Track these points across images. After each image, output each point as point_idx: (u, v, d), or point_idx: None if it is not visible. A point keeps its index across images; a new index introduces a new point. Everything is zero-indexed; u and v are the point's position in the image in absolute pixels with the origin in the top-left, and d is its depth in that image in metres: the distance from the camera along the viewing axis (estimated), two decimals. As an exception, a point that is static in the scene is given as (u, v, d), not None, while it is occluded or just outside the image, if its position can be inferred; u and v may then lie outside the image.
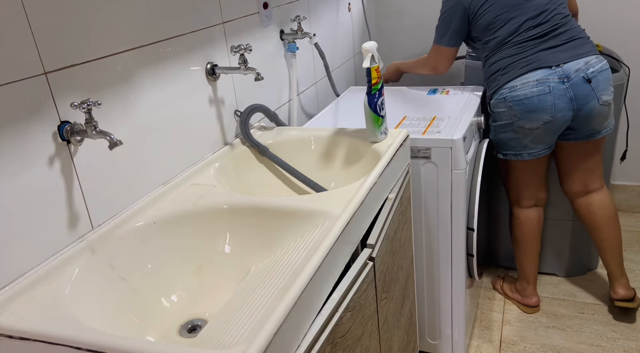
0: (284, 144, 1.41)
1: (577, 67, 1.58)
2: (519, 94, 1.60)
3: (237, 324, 0.81)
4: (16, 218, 0.83)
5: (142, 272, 0.97)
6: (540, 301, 1.99)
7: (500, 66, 1.66)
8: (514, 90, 1.61)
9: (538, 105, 1.59)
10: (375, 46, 1.27)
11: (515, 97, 1.61)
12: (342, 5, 2.13)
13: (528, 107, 1.60)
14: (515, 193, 1.85)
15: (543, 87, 1.58)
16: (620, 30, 2.25)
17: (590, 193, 1.83)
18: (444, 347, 1.73)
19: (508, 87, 1.63)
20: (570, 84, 1.58)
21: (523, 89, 1.60)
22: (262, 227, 1.04)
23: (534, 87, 1.59)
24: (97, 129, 0.88)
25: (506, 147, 1.74)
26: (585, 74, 1.58)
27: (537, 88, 1.58)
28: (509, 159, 1.75)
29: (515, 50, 1.64)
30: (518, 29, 1.63)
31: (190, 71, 1.21)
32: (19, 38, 0.82)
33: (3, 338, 0.76)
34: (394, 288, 1.23)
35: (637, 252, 2.25)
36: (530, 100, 1.59)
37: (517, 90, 1.61)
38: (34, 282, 0.83)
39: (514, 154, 1.74)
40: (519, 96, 1.60)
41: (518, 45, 1.63)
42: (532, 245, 1.88)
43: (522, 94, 1.60)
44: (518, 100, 1.61)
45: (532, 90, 1.59)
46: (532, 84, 1.59)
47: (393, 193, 1.24)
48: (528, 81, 1.59)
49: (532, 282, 1.94)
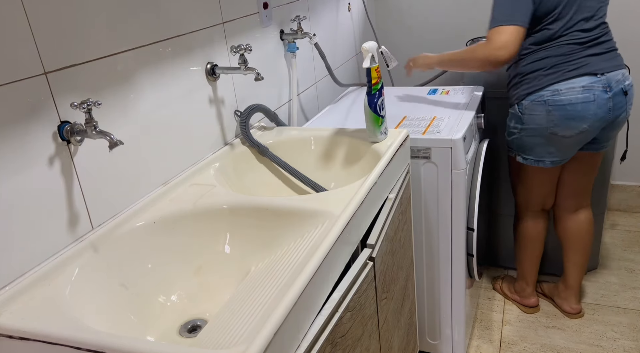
0: (284, 144, 1.41)
1: (617, 78, 1.53)
2: (562, 99, 1.50)
3: (237, 324, 0.81)
4: (16, 218, 0.83)
5: (142, 272, 0.97)
6: (539, 301, 1.99)
7: (544, 65, 1.53)
8: (557, 93, 1.50)
9: (580, 113, 1.50)
10: (375, 46, 1.26)
11: (557, 102, 1.50)
12: (342, 5, 2.13)
13: (570, 113, 1.51)
14: (524, 197, 1.80)
15: (588, 95, 1.49)
16: (620, 31, 2.25)
17: (580, 210, 1.82)
18: (444, 347, 1.73)
19: (551, 90, 1.51)
20: (612, 94, 1.52)
21: (568, 94, 1.50)
22: (262, 227, 1.04)
23: (580, 93, 1.49)
24: (97, 129, 0.88)
25: (529, 152, 1.64)
26: (624, 86, 1.54)
27: (582, 95, 1.49)
28: (528, 163, 1.66)
29: (564, 50, 1.52)
30: (571, 27, 1.51)
31: (190, 71, 1.21)
32: (19, 38, 0.82)
33: (3, 338, 0.76)
34: (394, 288, 1.23)
35: (637, 252, 2.25)
36: (573, 106, 1.50)
37: (560, 95, 1.50)
38: (34, 282, 0.83)
39: (535, 160, 1.64)
40: (562, 101, 1.50)
41: (567, 45, 1.52)
42: (536, 249, 1.87)
43: (566, 99, 1.50)
44: (560, 106, 1.50)
45: (577, 97, 1.49)
46: (578, 90, 1.49)
47: (393, 193, 1.24)
48: (574, 86, 1.50)
49: (532, 283, 1.94)
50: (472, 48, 1.54)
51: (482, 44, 1.51)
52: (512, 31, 1.46)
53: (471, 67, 1.56)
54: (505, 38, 1.46)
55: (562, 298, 1.93)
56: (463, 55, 1.57)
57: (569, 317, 1.92)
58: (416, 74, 2.50)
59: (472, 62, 1.54)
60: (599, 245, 2.14)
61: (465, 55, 1.56)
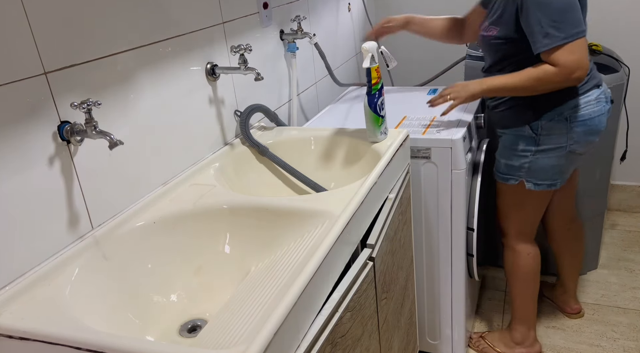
0: (284, 144, 1.41)
1: (608, 88, 1.50)
2: (583, 113, 1.41)
3: (237, 324, 0.81)
4: (16, 218, 0.83)
5: (142, 272, 0.97)
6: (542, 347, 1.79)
7: None
8: (577, 109, 1.41)
9: (597, 127, 1.44)
10: (375, 46, 1.26)
11: (579, 117, 1.41)
12: (342, 5, 2.13)
13: (590, 128, 1.43)
14: (521, 226, 1.62)
15: (600, 107, 1.44)
16: (620, 30, 2.25)
17: (576, 218, 1.79)
18: (444, 347, 1.72)
19: (570, 106, 1.41)
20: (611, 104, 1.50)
21: (586, 108, 1.42)
22: (262, 227, 1.04)
23: (595, 106, 1.43)
24: (97, 129, 0.88)
25: (543, 176, 1.48)
26: (610, 96, 1.50)
27: (597, 108, 1.43)
28: (541, 189, 1.50)
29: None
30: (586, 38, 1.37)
31: (190, 71, 1.21)
32: (19, 38, 0.82)
33: (3, 338, 0.76)
34: (394, 288, 1.23)
35: (637, 252, 2.25)
36: (592, 121, 1.43)
37: (580, 110, 1.41)
38: (34, 282, 0.83)
39: (548, 184, 1.50)
40: (583, 116, 1.41)
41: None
42: (537, 282, 1.68)
43: (586, 113, 1.42)
44: (582, 121, 1.42)
45: (594, 110, 1.42)
46: (594, 103, 1.42)
47: (393, 193, 1.24)
48: (590, 100, 1.42)
49: (534, 325, 1.73)
50: (541, 76, 1.33)
51: (552, 70, 1.31)
52: (579, 46, 1.29)
53: (542, 92, 1.39)
54: (576, 57, 1.29)
55: (562, 301, 1.92)
56: (528, 83, 1.36)
57: (569, 318, 1.92)
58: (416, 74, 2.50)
59: (543, 88, 1.36)
60: (599, 245, 2.14)
61: (531, 83, 1.35)
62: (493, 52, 1.48)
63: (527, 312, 1.69)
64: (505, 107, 1.50)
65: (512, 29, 1.37)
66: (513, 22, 1.36)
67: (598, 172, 1.96)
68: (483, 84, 1.44)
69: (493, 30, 1.43)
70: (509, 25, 1.37)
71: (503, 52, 1.44)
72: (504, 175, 1.55)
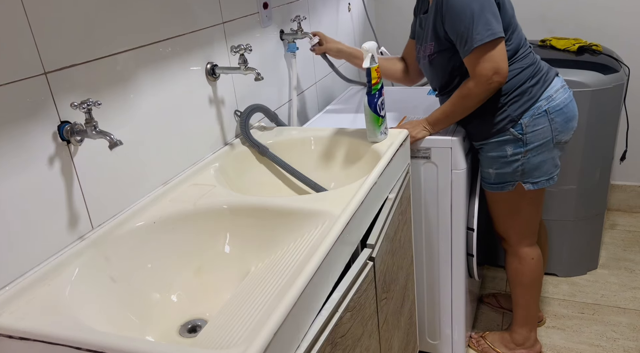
0: (284, 144, 1.41)
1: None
2: (558, 103, 1.44)
3: (237, 324, 0.81)
4: (16, 219, 0.83)
5: (142, 272, 0.97)
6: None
7: (526, 77, 1.41)
8: (551, 99, 1.43)
9: (572, 111, 1.47)
10: (375, 46, 1.27)
11: (555, 107, 1.43)
12: (342, 5, 2.13)
13: (567, 115, 1.46)
14: (522, 228, 1.59)
15: (568, 93, 1.47)
16: (620, 30, 2.25)
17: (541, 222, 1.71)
18: (444, 347, 1.73)
19: (545, 98, 1.43)
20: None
21: (558, 97, 1.44)
22: (262, 227, 1.04)
23: (564, 93, 1.46)
24: (97, 129, 0.88)
25: (539, 173, 1.48)
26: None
27: (566, 94, 1.46)
28: (540, 187, 1.50)
29: (531, 58, 1.45)
30: (525, 40, 1.46)
31: (190, 71, 1.21)
32: (19, 38, 0.82)
33: (3, 338, 0.76)
34: (394, 288, 1.23)
35: (637, 252, 2.25)
36: (567, 107, 1.45)
37: (554, 100, 1.44)
38: (34, 282, 0.83)
39: (547, 179, 1.50)
40: (559, 105, 1.44)
41: (530, 54, 1.45)
42: (540, 285, 1.68)
43: (560, 102, 1.44)
44: (559, 110, 1.44)
45: (564, 97, 1.45)
46: (562, 91, 1.45)
47: (393, 194, 1.24)
48: (557, 88, 1.45)
49: (535, 327, 1.73)
50: (465, 93, 1.38)
51: (471, 84, 1.36)
52: (497, 50, 1.31)
53: (475, 106, 1.41)
54: (490, 65, 1.32)
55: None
56: (459, 103, 1.40)
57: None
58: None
59: (473, 103, 1.39)
60: (599, 245, 2.14)
61: (461, 102, 1.40)
62: (439, 70, 1.47)
63: (530, 315, 1.69)
64: (477, 119, 1.47)
65: (446, 38, 1.38)
66: (443, 32, 1.38)
67: (598, 172, 1.96)
68: (430, 122, 1.48)
69: (430, 47, 1.44)
70: (442, 35, 1.39)
71: (447, 66, 1.44)
72: (497, 184, 1.52)
